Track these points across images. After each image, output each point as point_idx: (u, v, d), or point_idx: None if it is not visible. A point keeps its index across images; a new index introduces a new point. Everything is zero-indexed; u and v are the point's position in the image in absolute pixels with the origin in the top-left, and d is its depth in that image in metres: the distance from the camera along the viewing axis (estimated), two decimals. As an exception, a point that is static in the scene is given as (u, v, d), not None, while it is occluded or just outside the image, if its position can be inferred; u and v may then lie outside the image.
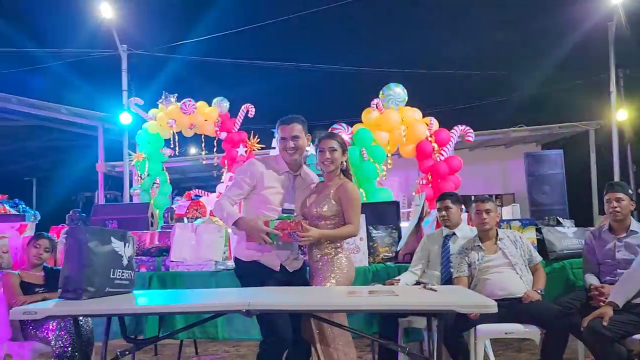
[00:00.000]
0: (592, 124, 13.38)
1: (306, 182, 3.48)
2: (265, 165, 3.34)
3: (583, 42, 14.05)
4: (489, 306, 2.43)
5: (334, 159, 3.26)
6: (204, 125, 9.44)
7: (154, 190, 9.27)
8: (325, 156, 3.26)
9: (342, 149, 3.30)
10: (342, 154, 3.31)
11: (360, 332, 3.12)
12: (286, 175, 3.37)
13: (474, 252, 3.79)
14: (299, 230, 3.06)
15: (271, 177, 3.32)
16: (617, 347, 3.13)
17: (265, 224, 3.09)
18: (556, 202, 6.98)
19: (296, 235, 3.06)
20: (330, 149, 3.25)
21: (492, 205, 3.83)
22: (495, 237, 3.83)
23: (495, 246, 3.80)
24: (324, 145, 3.27)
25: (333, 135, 3.37)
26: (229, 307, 2.61)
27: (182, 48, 14.05)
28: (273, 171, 3.34)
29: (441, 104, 14.05)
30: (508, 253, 3.76)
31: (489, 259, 3.74)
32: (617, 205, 3.76)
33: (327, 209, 3.21)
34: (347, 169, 3.37)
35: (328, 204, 3.22)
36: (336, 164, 3.28)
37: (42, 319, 3.37)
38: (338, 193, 3.24)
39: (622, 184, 3.96)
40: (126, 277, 3.01)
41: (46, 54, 14.28)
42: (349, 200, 3.24)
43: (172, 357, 4.86)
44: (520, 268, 3.73)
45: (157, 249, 4.69)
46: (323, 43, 18.90)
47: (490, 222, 3.80)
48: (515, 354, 4.72)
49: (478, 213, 3.81)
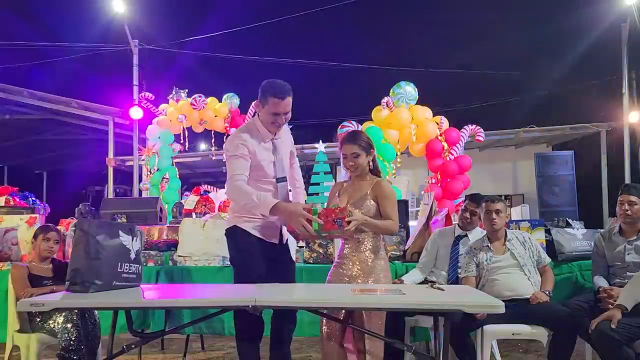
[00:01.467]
0: (603, 126, 13.27)
1: (285, 142, 3.42)
2: (251, 135, 3.25)
3: (596, 43, 13.94)
4: (496, 306, 2.41)
5: (358, 164, 3.17)
6: (214, 121, 9.47)
7: (163, 185, 9.32)
8: (349, 163, 3.18)
9: (366, 150, 3.19)
10: (367, 154, 3.21)
11: (366, 330, 3.11)
12: (270, 142, 3.31)
13: (483, 253, 3.77)
14: (344, 217, 2.92)
15: (260, 148, 3.25)
16: (625, 350, 3.11)
17: (307, 212, 2.96)
18: (566, 203, 6.95)
19: (342, 222, 2.93)
20: (353, 155, 3.16)
21: (502, 205, 3.80)
22: (504, 238, 3.81)
23: (504, 247, 3.78)
24: (346, 152, 3.18)
25: (355, 138, 3.20)
26: (235, 302, 2.61)
27: (193, 43, 14.07)
28: (259, 140, 3.26)
29: (452, 103, 14.00)
30: (516, 254, 3.73)
31: (497, 260, 3.72)
32: (628, 208, 3.72)
33: (368, 210, 3.13)
34: (376, 166, 3.29)
35: (368, 204, 3.15)
36: (362, 167, 3.20)
37: (49, 311, 3.39)
38: (375, 191, 3.18)
39: (637, 187, 3.91)
40: (133, 271, 3.01)
41: (58, 48, 14.35)
42: (387, 197, 3.17)
43: (179, 351, 4.88)
44: (529, 269, 3.71)
45: (165, 244, 4.70)
46: (334, 40, 18.87)
47: (500, 222, 3.77)
48: (522, 355, 4.70)
49: (488, 213, 3.78)
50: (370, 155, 3.24)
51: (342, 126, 7.45)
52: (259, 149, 3.23)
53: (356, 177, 3.24)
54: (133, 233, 3.05)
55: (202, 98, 9.22)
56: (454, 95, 15.71)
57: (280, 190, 3.31)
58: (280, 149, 3.35)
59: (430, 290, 2.95)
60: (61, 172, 17.99)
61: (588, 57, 15.17)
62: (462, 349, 3.50)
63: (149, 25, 13.71)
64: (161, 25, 15.22)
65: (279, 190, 3.30)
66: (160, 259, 4.55)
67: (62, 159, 17.01)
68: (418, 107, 7.66)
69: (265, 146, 3.28)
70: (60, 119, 12.88)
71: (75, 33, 15.04)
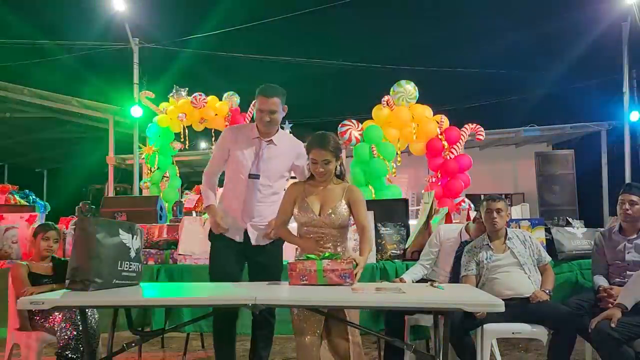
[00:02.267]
0: (604, 125, 13.28)
1: (280, 149, 3.46)
2: (239, 130, 3.57)
3: (597, 42, 13.93)
4: (496, 305, 2.41)
5: (328, 170, 3.10)
6: (214, 120, 9.47)
7: (163, 183, 9.32)
8: (319, 170, 3.10)
9: (336, 156, 3.12)
10: (337, 160, 3.15)
11: (367, 328, 3.12)
12: (257, 141, 3.42)
13: (483, 251, 3.76)
14: (351, 271, 2.82)
15: (243, 142, 3.43)
16: (625, 350, 3.10)
17: (311, 264, 2.86)
18: (566, 202, 6.97)
19: (349, 276, 2.82)
20: (324, 162, 3.08)
21: (503, 204, 3.79)
22: (505, 237, 3.81)
23: (504, 246, 3.78)
24: (317, 157, 3.08)
25: (325, 143, 3.08)
26: (235, 301, 2.62)
27: (194, 42, 14.07)
28: (245, 136, 3.44)
29: (452, 102, 13.99)
30: (517, 253, 3.73)
31: (497, 259, 3.72)
32: (629, 207, 3.73)
33: (342, 216, 3.09)
34: (342, 170, 3.22)
35: (342, 211, 3.10)
36: (330, 173, 3.13)
37: (49, 310, 3.38)
38: (348, 197, 3.13)
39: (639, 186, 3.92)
40: (133, 269, 3.01)
41: (59, 46, 14.35)
42: (360, 202, 3.15)
43: (179, 350, 4.88)
44: (529, 268, 3.71)
45: (166, 242, 4.70)
46: (334, 39, 18.86)
47: (501, 222, 3.76)
48: (522, 354, 4.70)
49: (489, 212, 3.77)
50: (339, 160, 3.17)
51: (342, 125, 7.46)
52: (243, 145, 3.42)
53: (324, 181, 3.16)
54: (133, 231, 3.05)
55: (202, 96, 9.21)
56: (454, 94, 15.70)
57: (250, 186, 3.40)
58: (271, 152, 3.42)
59: (430, 288, 2.95)
60: (61, 170, 18.02)
61: (589, 56, 15.16)
62: (462, 348, 3.50)
63: (149, 24, 13.71)
64: (162, 24, 15.22)
65: (248, 186, 3.40)
66: (161, 257, 4.54)
67: (63, 158, 17.03)
68: (418, 105, 7.65)
69: (250, 142, 3.43)
70: (60, 118, 12.89)
71: (76, 31, 15.06)
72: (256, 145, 3.42)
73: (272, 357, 4.68)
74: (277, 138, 3.47)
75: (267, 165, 3.41)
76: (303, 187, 3.22)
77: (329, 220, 3.08)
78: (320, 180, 3.16)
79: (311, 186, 3.20)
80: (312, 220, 3.10)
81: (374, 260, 4.38)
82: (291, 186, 3.31)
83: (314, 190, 3.18)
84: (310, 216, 3.10)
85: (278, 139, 3.48)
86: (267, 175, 3.41)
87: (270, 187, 3.44)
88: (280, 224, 3.27)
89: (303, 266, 2.84)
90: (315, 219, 3.09)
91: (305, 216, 3.12)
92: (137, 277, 3.07)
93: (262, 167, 3.39)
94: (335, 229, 3.11)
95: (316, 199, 3.14)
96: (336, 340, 3.00)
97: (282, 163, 3.48)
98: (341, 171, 3.22)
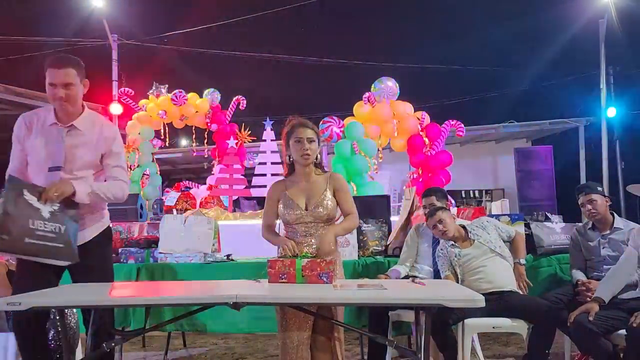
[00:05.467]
0: (581, 121, 13.46)
1: (87, 136, 2.97)
2: (34, 115, 2.98)
3: (574, 39, 14.14)
4: (476, 300, 2.43)
5: (313, 150, 2.98)
6: (194, 117, 9.41)
7: (143, 181, 9.23)
8: (304, 148, 2.95)
9: (317, 137, 3.02)
10: (318, 143, 3.04)
11: (350, 326, 3.12)
12: (55, 127, 2.94)
13: (451, 249, 3.79)
14: (330, 272, 2.73)
15: (38, 129, 2.94)
16: (602, 342, 3.15)
17: (290, 263, 2.76)
18: (545, 197, 7.05)
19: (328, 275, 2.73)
20: (309, 140, 2.96)
21: (444, 215, 3.77)
22: (466, 234, 3.84)
23: (469, 240, 3.81)
24: (301, 135, 2.95)
25: (307, 123, 3.00)
26: (216, 299, 2.60)
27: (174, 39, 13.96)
28: (40, 122, 2.94)
29: (433, 99, 14.08)
30: (484, 241, 3.75)
31: (466, 253, 3.74)
32: (591, 207, 3.81)
33: (328, 206, 3.00)
34: (321, 160, 3.12)
35: (328, 202, 3.01)
36: (313, 157, 3.01)
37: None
38: (333, 185, 3.04)
39: (590, 185, 4.01)
40: (51, 229, 2.81)
41: (35, 42, 14.13)
42: (345, 190, 3.07)
43: (160, 349, 4.85)
44: (502, 250, 3.75)
45: (146, 240, 4.66)
46: (315, 36, 18.86)
47: (449, 230, 3.74)
48: (502, 347, 4.75)
49: (434, 227, 3.78)
50: (319, 146, 3.07)
51: (323, 121, 7.45)
52: (36, 128, 2.95)
53: (305, 173, 3.05)
54: (39, 195, 2.81)
55: (182, 94, 9.14)
56: (435, 91, 15.79)
57: (48, 178, 2.91)
58: (74, 140, 2.96)
59: (411, 285, 2.96)
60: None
61: (566, 53, 15.38)
62: (444, 343, 3.53)
63: (128, 20, 13.57)
64: (141, 20, 15.07)
65: (47, 179, 2.90)
66: (141, 256, 4.50)
67: (41, 156, 16.77)
68: (399, 102, 7.68)
69: (46, 129, 2.95)
70: (37, 115, 12.69)
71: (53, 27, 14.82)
72: (55, 132, 2.92)
73: (255, 354, 4.68)
74: (80, 122, 2.98)
75: (70, 156, 2.93)
76: (284, 184, 3.11)
77: (317, 214, 2.99)
78: (303, 167, 3.04)
79: (293, 182, 3.08)
80: (300, 217, 3.00)
81: (355, 257, 4.39)
82: (272, 186, 3.17)
83: (296, 185, 3.06)
84: (297, 213, 3.00)
85: (82, 122, 2.98)
86: (70, 168, 2.94)
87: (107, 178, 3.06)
88: (266, 229, 3.13)
89: (282, 264, 2.82)
90: (302, 215, 3.00)
91: (292, 214, 3.00)
92: (60, 239, 2.84)
93: (64, 157, 2.91)
94: (322, 223, 3.02)
95: (301, 194, 3.03)
96: (321, 338, 2.99)
97: (89, 152, 2.99)
98: (320, 161, 3.13)
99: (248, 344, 5.08)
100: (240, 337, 5.28)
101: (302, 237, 3.02)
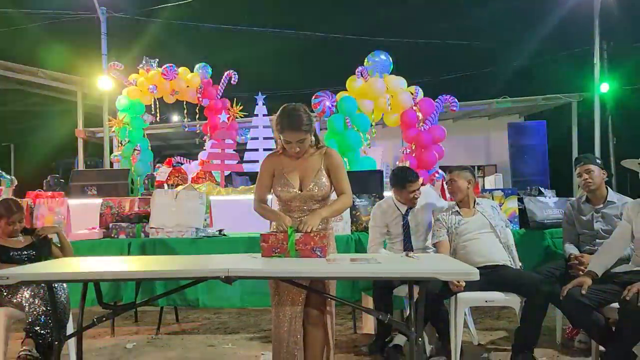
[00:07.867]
0: (574, 96, 13.44)
1: None
2: None
3: (568, 14, 14.03)
4: (470, 274, 2.41)
5: (303, 148, 2.94)
6: (186, 92, 9.29)
7: (134, 157, 9.14)
8: (295, 149, 2.92)
9: (310, 131, 2.93)
10: (311, 133, 2.97)
11: (343, 299, 3.11)
12: None
13: (452, 216, 3.78)
14: (324, 245, 2.72)
15: None
16: (594, 315, 3.16)
17: (283, 237, 2.74)
18: (538, 172, 7.05)
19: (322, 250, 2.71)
20: (298, 142, 2.90)
21: (457, 174, 3.81)
22: (473, 203, 3.83)
23: (474, 209, 3.80)
24: (291, 139, 2.89)
25: (297, 125, 2.89)
26: (208, 273, 2.57)
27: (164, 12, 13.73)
28: None
29: (427, 74, 13.99)
30: (487, 215, 3.76)
31: (466, 222, 3.74)
32: (587, 176, 3.80)
33: (324, 185, 2.95)
34: (317, 137, 3.04)
35: (323, 180, 2.96)
36: (305, 148, 2.95)
37: (16, 285, 3.29)
38: (327, 162, 2.98)
39: (589, 156, 4.01)
40: None
41: (22, 15, 13.87)
42: (339, 167, 3.01)
43: (153, 324, 4.84)
44: (500, 230, 3.75)
45: (137, 216, 4.62)
46: (308, 9, 18.60)
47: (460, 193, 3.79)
48: (494, 321, 4.78)
49: (450, 182, 3.84)
50: (313, 132, 2.98)
51: (315, 96, 7.38)
52: None
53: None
54: None
55: (173, 68, 9.01)
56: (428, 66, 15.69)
57: None
58: None
59: (405, 259, 2.95)
60: (29, 144, 17.59)
61: (560, 28, 15.29)
62: (436, 317, 3.54)
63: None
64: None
65: None
66: (132, 231, 4.47)
67: (30, 131, 16.61)
68: (393, 77, 7.60)
69: None
70: (27, 90, 12.52)
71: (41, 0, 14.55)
72: None
73: (247, 328, 4.69)
74: None
75: None
76: (279, 159, 3.04)
77: (312, 194, 2.94)
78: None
79: (288, 158, 3.02)
80: (295, 197, 2.95)
81: (349, 232, 4.36)
82: (266, 158, 3.10)
83: (291, 163, 2.99)
84: (291, 192, 2.95)
85: None
86: None
87: None
88: (258, 202, 3.06)
89: (275, 239, 2.79)
90: (297, 194, 2.95)
91: (285, 192, 2.96)
92: None
93: None
94: (316, 202, 2.97)
95: (295, 173, 2.98)
96: (314, 312, 2.97)
97: None
98: (316, 138, 3.05)
99: (241, 319, 5.09)
100: (233, 311, 5.28)
101: (295, 214, 2.97)
